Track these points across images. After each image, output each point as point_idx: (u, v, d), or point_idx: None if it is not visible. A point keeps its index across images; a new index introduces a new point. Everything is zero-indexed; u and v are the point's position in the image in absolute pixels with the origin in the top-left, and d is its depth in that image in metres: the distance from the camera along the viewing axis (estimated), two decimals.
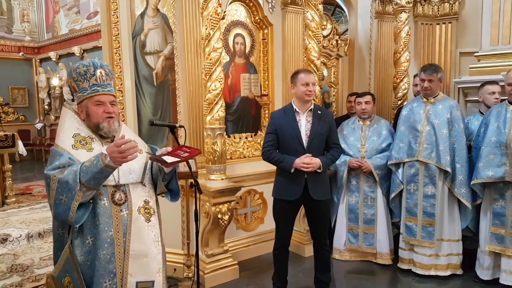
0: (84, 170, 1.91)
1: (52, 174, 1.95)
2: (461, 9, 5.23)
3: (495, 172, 3.39)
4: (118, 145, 1.88)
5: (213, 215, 3.55)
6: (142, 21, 3.85)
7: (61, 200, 1.95)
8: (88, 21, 10.93)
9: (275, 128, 3.15)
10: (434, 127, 3.70)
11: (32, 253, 4.49)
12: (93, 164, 1.91)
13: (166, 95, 3.84)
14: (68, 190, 1.92)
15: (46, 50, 12.50)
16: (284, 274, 3.33)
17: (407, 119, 3.88)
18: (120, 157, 1.89)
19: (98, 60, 2.21)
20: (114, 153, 1.88)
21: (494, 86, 3.92)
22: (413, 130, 3.80)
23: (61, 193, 1.94)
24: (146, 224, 2.16)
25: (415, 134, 3.78)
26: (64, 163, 1.98)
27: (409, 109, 3.91)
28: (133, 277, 2.10)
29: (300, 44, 4.45)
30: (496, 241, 3.45)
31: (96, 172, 1.90)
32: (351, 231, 4.14)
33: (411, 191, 3.81)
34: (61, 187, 1.93)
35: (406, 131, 3.86)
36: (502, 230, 3.42)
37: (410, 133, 3.82)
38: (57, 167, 1.98)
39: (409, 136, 3.82)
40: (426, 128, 3.73)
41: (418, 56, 5.38)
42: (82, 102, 2.14)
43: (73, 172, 1.91)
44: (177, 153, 2.18)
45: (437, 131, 3.69)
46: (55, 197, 1.96)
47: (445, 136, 3.68)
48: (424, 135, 3.73)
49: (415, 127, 3.79)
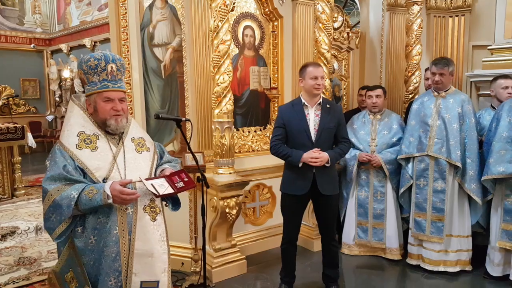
0: (83, 200, 1.92)
1: (50, 191, 1.95)
2: (475, 2, 5.12)
3: (506, 168, 3.33)
4: (124, 192, 1.92)
5: (220, 210, 3.53)
6: (151, 13, 3.82)
7: (50, 218, 1.97)
8: (99, 13, 10.93)
9: (283, 122, 3.13)
10: (444, 122, 3.64)
11: (40, 246, 4.51)
12: (93, 199, 1.92)
13: (174, 87, 3.82)
14: (59, 213, 1.94)
15: (57, 42, 12.55)
16: (292, 269, 3.32)
17: (417, 113, 3.82)
18: (120, 201, 1.94)
19: (110, 53, 2.16)
20: (117, 196, 1.92)
21: (508, 81, 3.83)
22: (423, 124, 3.74)
23: (52, 212, 1.95)
24: (152, 223, 2.14)
25: (426, 128, 3.72)
26: (56, 176, 1.97)
27: (420, 103, 3.85)
28: (137, 276, 2.08)
29: (310, 36, 4.39)
30: (507, 237, 3.41)
31: (95, 206, 1.94)
32: (360, 226, 4.11)
33: (421, 186, 3.76)
34: (54, 208, 1.94)
35: (417, 125, 3.80)
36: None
37: (421, 127, 3.76)
38: (52, 179, 1.97)
39: (420, 130, 3.76)
40: (436, 123, 3.67)
41: (430, 49, 5.28)
42: (91, 96, 2.12)
43: (69, 199, 1.90)
44: (174, 179, 2.16)
45: (447, 126, 3.63)
46: (46, 212, 1.98)
47: (456, 130, 3.61)
48: (435, 130, 3.67)
49: (425, 121, 3.73)
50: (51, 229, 1.98)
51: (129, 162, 2.14)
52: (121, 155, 2.13)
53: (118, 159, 2.11)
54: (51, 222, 1.97)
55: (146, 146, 2.28)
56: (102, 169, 2.05)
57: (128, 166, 2.13)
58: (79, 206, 1.92)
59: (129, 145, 2.20)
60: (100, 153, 2.08)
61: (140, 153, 2.23)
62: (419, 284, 3.62)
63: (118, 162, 2.11)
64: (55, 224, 1.96)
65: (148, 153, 2.27)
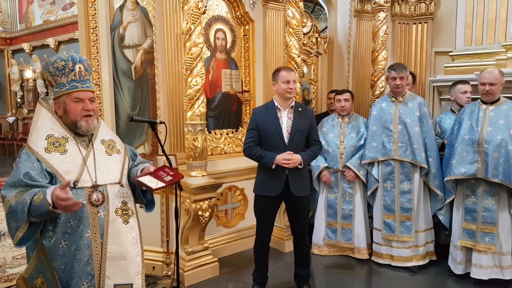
0: (33, 205, 1.83)
1: (7, 197, 1.90)
2: (437, 10, 5.35)
3: (467, 169, 3.49)
4: (62, 198, 1.76)
5: (193, 212, 3.53)
6: (121, 14, 3.77)
7: (9, 224, 1.93)
8: (64, 12, 10.65)
9: (257, 124, 3.17)
10: (406, 126, 3.81)
11: (4, 252, 4.36)
12: (40, 204, 1.81)
13: (145, 89, 3.79)
14: (16, 219, 1.88)
15: (19, 41, 12.12)
16: (265, 270, 3.36)
17: (378, 119, 3.97)
18: (61, 207, 1.80)
19: (76, 54, 2.14)
20: (57, 202, 1.79)
21: (466, 86, 4.04)
22: (385, 129, 3.90)
23: (10, 218, 1.91)
24: (124, 226, 2.12)
25: (388, 133, 3.88)
26: (16, 183, 1.91)
27: (379, 109, 4.00)
28: (110, 279, 2.06)
29: (281, 41, 4.46)
30: (468, 236, 3.56)
31: (43, 212, 1.83)
32: (329, 227, 4.20)
33: (388, 189, 3.90)
34: (11, 214, 1.90)
35: (378, 130, 3.94)
36: (473, 226, 3.53)
37: (383, 132, 3.91)
38: (12, 186, 1.92)
39: (382, 135, 3.91)
40: (398, 127, 3.84)
41: (395, 55, 5.47)
42: (60, 98, 2.08)
43: (23, 204, 1.84)
44: (160, 175, 2.17)
45: (409, 130, 3.79)
46: (7, 219, 1.94)
47: (417, 133, 3.79)
48: (397, 134, 3.83)
49: (387, 126, 3.89)
50: (12, 235, 1.93)
51: (99, 164, 2.12)
52: (91, 157, 2.10)
53: (88, 161, 2.08)
54: (11, 228, 1.92)
55: (116, 148, 2.26)
56: (72, 172, 2.01)
57: (99, 168, 2.10)
58: (32, 213, 1.84)
59: (99, 147, 2.17)
60: (70, 156, 2.04)
61: (111, 155, 2.21)
62: (388, 281, 3.73)
63: (88, 165, 2.07)
64: (14, 230, 1.90)
65: (118, 155, 2.25)
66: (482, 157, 3.43)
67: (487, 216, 3.47)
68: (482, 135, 3.44)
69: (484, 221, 3.48)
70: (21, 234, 1.89)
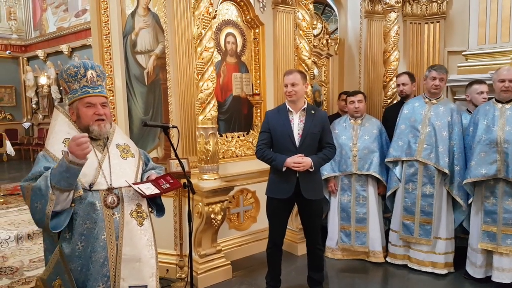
0: (53, 172, 1.89)
1: (26, 184, 1.95)
2: (449, 9, 5.30)
3: (488, 169, 3.42)
4: (75, 138, 1.87)
5: (206, 215, 3.54)
6: (133, 20, 3.82)
7: (36, 208, 1.93)
8: (77, 19, 10.81)
9: (269, 127, 3.19)
10: (434, 128, 3.74)
11: (21, 255, 4.43)
12: (59, 164, 1.89)
13: (157, 94, 3.82)
14: (41, 196, 1.90)
15: (33, 48, 12.34)
16: (278, 273, 3.36)
17: (407, 118, 3.91)
18: (79, 150, 1.86)
19: (89, 60, 2.20)
20: (73, 147, 1.85)
21: (482, 86, 3.98)
22: (413, 129, 3.84)
23: (36, 200, 1.92)
24: (139, 228, 2.16)
25: (415, 133, 3.82)
26: (37, 174, 1.96)
27: (411, 108, 3.94)
28: (125, 281, 2.09)
29: (291, 43, 4.46)
30: (488, 238, 3.48)
31: (63, 171, 1.87)
32: (343, 230, 4.16)
33: (410, 190, 3.85)
34: (35, 194, 1.92)
35: (406, 129, 3.89)
36: (493, 228, 3.45)
37: (410, 132, 3.85)
38: (32, 178, 1.96)
39: (409, 135, 3.85)
40: (426, 129, 3.77)
41: (407, 55, 5.43)
42: (73, 103, 2.13)
43: (44, 178, 1.90)
44: (160, 182, 2.21)
45: (437, 133, 3.72)
46: (31, 205, 1.95)
47: (445, 138, 3.71)
48: (424, 136, 3.77)
49: (415, 126, 3.83)
50: (42, 216, 1.90)
51: (114, 168, 2.16)
52: (106, 161, 2.15)
53: (103, 165, 2.12)
54: (39, 212, 1.91)
55: (131, 152, 2.30)
56: (88, 175, 2.06)
57: (114, 171, 2.14)
58: (52, 182, 1.87)
59: (114, 151, 2.22)
60: None
61: (125, 159, 2.25)
62: (404, 284, 3.69)
63: (104, 168, 2.12)
64: (43, 209, 1.89)
65: (133, 159, 2.29)
66: (502, 157, 3.36)
67: (508, 217, 3.40)
68: (500, 135, 3.38)
69: (505, 222, 3.41)
70: (51, 208, 1.88)
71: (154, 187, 2.17)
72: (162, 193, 2.20)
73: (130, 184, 2.12)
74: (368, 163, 4.04)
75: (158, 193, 2.18)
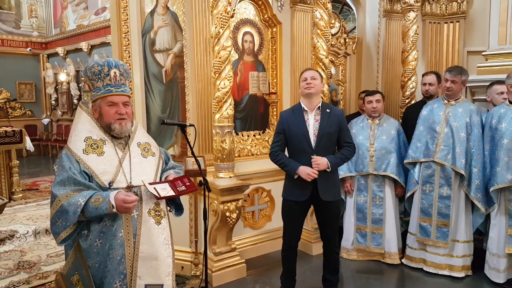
0: (89, 208, 1.96)
1: (59, 197, 1.99)
2: (469, 8, 5.21)
3: None
4: (127, 201, 1.96)
5: (221, 213, 3.56)
6: (152, 19, 3.86)
7: (56, 222, 2.00)
8: (96, 17, 10.95)
9: (283, 128, 3.15)
10: (452, 130, 3.69)
11: (39, 250, 4.50)
12: (99, 207, 1.96)
13: (175, 92, 3.86)
14: (65, 218, 1.97)
15: (53, 45, 12.55)
16: (293, 274, 3.34)
17: (426, 120, 3.88)
18: (123, 209, 1.98)
19: (113, 59, 2.22)
20: (120, 207, 1.96)
21: (503, 86, 3.90)
22: (431, 130, 3.81)
23: (59, 216, 1.99)
24: (156, 227, 2.18)
25: (433, 135, 3.78)
26: (65, 180, 2.01)
27: (430, 109, 3.90)
28: (142, 279, 2.11)
29: (309, 42, 4.45)
30: None
31: (100, 214, 1.98)
32: (359, 231, 4.13)
33: (427, 192, 3.81)
34: (60, 213, 1.98)
35: (425, 131, 3.86)
36: None
37: (428, 133, 3.82)
38: (62, 184, 2.01)
39: (427, 136, 3.82)
40: (444, 130, 3.73)
41: (426, 55, 5.36)
42: (96, 101, 2.17)
43: (76, 205, 1.94)
44: (177, 184, 2.23)
45: (455, 134, 3.68)
46: (53, 216, 2.01)
47: (462, 139, 3.66)
48: (442, 137, 3.73)
49: (433, 128, 3.79)
50: (57, 233, 2.01)
51: (135, 166, 2.18)
52: (127, 159, 2.18)
53: (124, 163, 2.15)
54: (57, 226, 2.00)
55: (151, 151, 2.33)
56: (108, 173, 2.09)
57: (134, 170, 2.17)
58: (85, 213, 1.96)
59: (135, 149, 2.25)
60: (106, 157, 2.12)
61: (146, 157, 2.27)
62: (420, 284, 3.65)
63: (124, 167, 2.15)
64: (60, 229, 1.99)
65: (153, 158, 2.31)
66: None
67: None
68: None
69: None
70: (66, 235, 1.99)
71: (170, 189, 2.18)
72: (176, 195, 2.21)
73: (145, 184, 2.14)
74: (385, 164, 4.01)
75: (173, 195, 2.18)
